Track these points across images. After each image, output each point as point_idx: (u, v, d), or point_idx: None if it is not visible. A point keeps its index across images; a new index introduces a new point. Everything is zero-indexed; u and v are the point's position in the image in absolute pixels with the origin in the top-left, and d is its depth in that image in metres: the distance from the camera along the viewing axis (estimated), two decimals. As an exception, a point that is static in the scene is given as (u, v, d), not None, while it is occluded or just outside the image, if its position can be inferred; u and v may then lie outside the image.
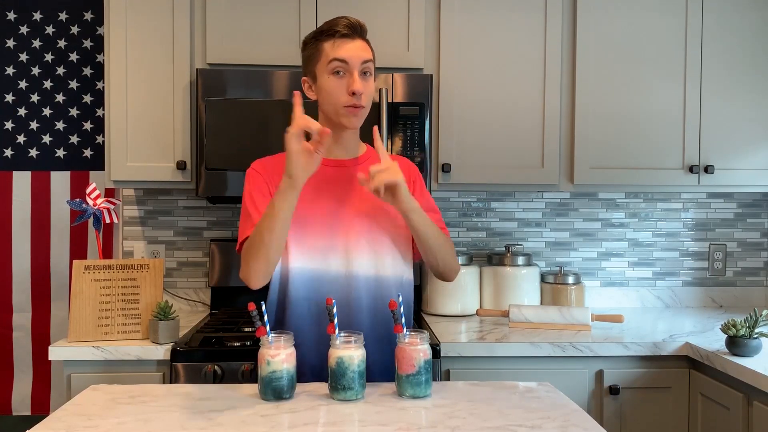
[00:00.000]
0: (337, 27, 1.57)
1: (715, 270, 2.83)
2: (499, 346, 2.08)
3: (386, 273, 1.61)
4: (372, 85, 1.60)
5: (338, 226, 1.60)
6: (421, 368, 1.39)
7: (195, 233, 2.70)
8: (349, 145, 1.66)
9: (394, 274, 1.62)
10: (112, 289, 2.05)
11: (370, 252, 1.60)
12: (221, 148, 2.26)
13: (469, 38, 2.41)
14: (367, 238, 1.61)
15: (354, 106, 1.56)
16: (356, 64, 1.55)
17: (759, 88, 2.47)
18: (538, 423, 1.26)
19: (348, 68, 1.55)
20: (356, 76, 1.54)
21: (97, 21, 2.70)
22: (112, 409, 1.34)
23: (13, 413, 2.67)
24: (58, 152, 2.71)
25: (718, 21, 2.45)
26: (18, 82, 2.70)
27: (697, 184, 2.47)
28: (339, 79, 1.56)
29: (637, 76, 2.44)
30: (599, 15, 2.43)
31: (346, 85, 1.55)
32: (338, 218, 1.61)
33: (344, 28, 1.56)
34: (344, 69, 1.55)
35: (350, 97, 1.55)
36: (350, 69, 1.55)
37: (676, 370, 2.12)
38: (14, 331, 2.69)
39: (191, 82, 2.34)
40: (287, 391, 1.38)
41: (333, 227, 1.60)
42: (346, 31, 1.56)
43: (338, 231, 1.60)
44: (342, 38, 1.56)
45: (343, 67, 1.55)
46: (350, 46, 1.56)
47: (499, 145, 2.42)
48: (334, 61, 1.55)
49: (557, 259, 2.80)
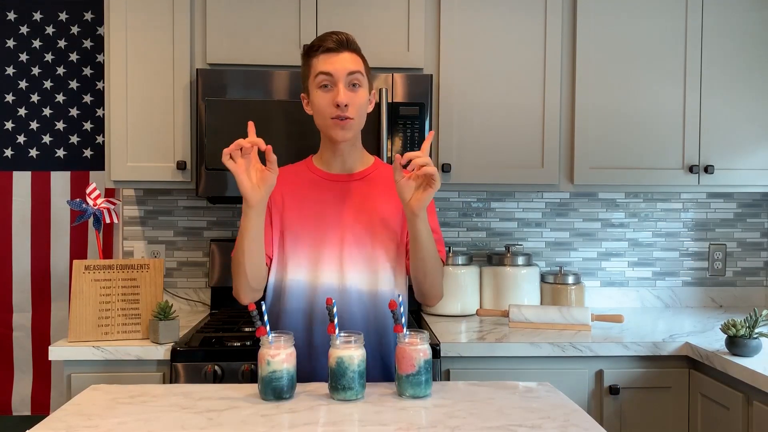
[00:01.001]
0: (322, 42, 1.59)
1: (715, 270, 2.83)
2: (499, 346, 2.08)
3: (380, 288, 1.61)
4: (362, 96, 1.60)
5: (331, 240, 1.61)
6: (421, 368, 1.39)
7: (195, 233, 2.70)
8: (347, 159, 1.66)
9: (388, 289, 1.62)
10: (112, 289, 2.05)
11: (364, 267, 1.61)
12: (221, 148, 2.22)
13: (469, 38, 2.41)
14: (361, 253, 1.62)
15: (340, 117, 1.56)
16: (341, 76, 1.56)
17: (759, 88, 2.47)
18: (538, 423, 1.26)
19: (333, 80, 1.57)
20: (341, 88, 1.55)
21: (97, 21, 2.70)
22: (112, 409, 1.34)
23: (13, 413, 2.67)
24: (58, 152, 2.71)
25: (718, 21, 2.45)
26: (18, 82, 2.70)
27: (697, 184, 2.47)
28: (326, 92, 1.58)
29: (637, 76, 2.44)
30: (599, 15, 2.43)
31: (332, 97, 1.56)
32: (331, 232, 1.62)
33: (330, 43, 1.58)
34: (330, 82, 1.57)
35: (335, 108, 1.56)
36: (335, 81, 1.56)
37: (676, 370, 2.12)
38: (14, 331, 2.69)
39: (191, 82, 2.34)
40: (287, 391, 1.38)
41: (325, 241, 1.61)
42: (332, 45, 1.58)
43: (331, 245, 1.61)
44: (327, 52, 1.58)
45: (328, 80, 1.57)
46: (335, 59, 1.57)
47: (499, 145, 2.42)
48: (320, 75, 1.57)
49: (557, 259, 2.80)
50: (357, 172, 1.68)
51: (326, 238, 1.62)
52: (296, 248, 1.62)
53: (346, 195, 1.65)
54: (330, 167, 1.67)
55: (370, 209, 1.64)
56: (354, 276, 1.61)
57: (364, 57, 1.63)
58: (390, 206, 1.65)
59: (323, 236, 1.62)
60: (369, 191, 1.66)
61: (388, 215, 1.65)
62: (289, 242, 1.62)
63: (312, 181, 1.67)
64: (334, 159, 1.66)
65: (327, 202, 1.64)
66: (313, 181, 1.67)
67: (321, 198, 1.65)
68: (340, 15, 2.34)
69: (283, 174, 1.68)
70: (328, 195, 1.65)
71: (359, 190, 1.66)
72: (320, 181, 1.67)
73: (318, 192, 1.65)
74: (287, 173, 1.69)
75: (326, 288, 1.60)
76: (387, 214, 1.65)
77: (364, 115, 1.62)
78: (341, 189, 1.66)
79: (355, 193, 1.66)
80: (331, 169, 1.67)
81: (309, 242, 1.62)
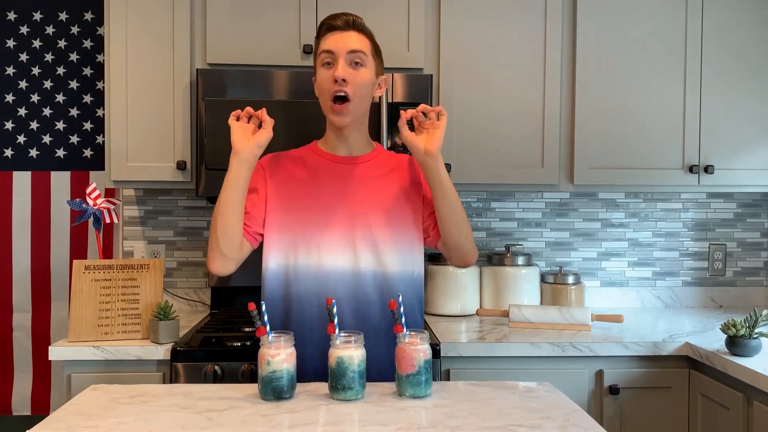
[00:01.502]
0: (330, 21, 1.59)
1: (715, 270, 2.83)
2: (499, 346, 2.08)
3: (392, 269, 1.61)
4: (363, 75, 1.58)
5: (340, 223, 1.61)
6: (421, 368, 1.39)
7: (195, 233, 2.70)
8: (353, 144, 1.67)
9: (400, 269, 1.62)
10: (112, 289, 2.05)
11: (374, 248, 1.61)
12: (221, 148, 2.25)
13: (470, 38, 2.41)
14: (371, 234, 1.61)
15: (338, 96, 1.56)
16: (342, 53, 1.56)
17: (759, 88, 2.47)
18: (538, 423, 1.26)
19: (334, 57, 1.56)
20: (340, 63, 1.55)
21: (97, 21, 2.70)
22: (112, 409, 1.34)
23: (13, 413, 2.67)
24: (58, 152, 2.71)
25: (718, 21, 2.45)
26: (18, 82, 2.70)
27: (697, 184, 2.47)
28: (327, 69, 1.58)
29: (637, 76, 2.44)
30: (599, 15, 2.43)
31: (332, 73, 1.56)
32: (339, 214, 1.61)
33: (337, 21, 1.58)
34: (332, 59, 1.57)
35: (333, 84, 1.55)
36: (336, 58, 1.56)
37: (676, 370, 2.12)
38: (14, 331, 2.69)
39: (191, 82, 2.34)
40: (287, 391, 1.38)
41: (333, 223, 1.61)
42: (338, 24, 1.58)
43: (341, 227, 1.61)
44: (331, 31, 1.58)
45: (330, 57, 1.57)
46: (338, 37, 1.57)
47: (499, 145, 2.42)
48: (323, 53, 1.58)
49: (557, 259, 2.80)
50: (362, 155, 1.68)
51: (334, 221, 1.61)
52: (305, 231, 1.60)
53: (351, 177, 1.64)
54: (335, 150, 1.67)
55: (378, 191, 1.64)
56: (367, 257, 1.60)
57: (374, 40, 1.62)
58: (396, 187, 1.65)
59: (330, 219, 1.61)
60: (374, 173, 1.66)
61: (395, 196, 1.64)
62: (294, 225, 1.61)
63: (318, 164, 1.66)
64: (338, 142, 1.66)
65: (332, 184, 1.64)
66: (318, 163, 1.66)
67: (326, 179, 1.64)
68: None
69: (286, 157, 1.69)
70: (332, 176, 1.64)
71: (364, 173, 1.66)
72: (325, 163, 1.66)
73: (324, 173, 1.65)
74: (291, 156, 1.69)
75: (339, 271, 1.59)
76: (394, 196, 1.64)
77: (365, 96, 1.61)
78: (346, 171, 1.65)
79: (361, 176, 1.65)
80: (336, 152, 1.67)
81: (315, 224, 1.61)
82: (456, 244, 1.64)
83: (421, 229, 1.66)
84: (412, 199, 1.66)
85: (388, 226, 1.62)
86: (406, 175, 1.68)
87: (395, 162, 1.71)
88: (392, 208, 1.64)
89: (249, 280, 2.56)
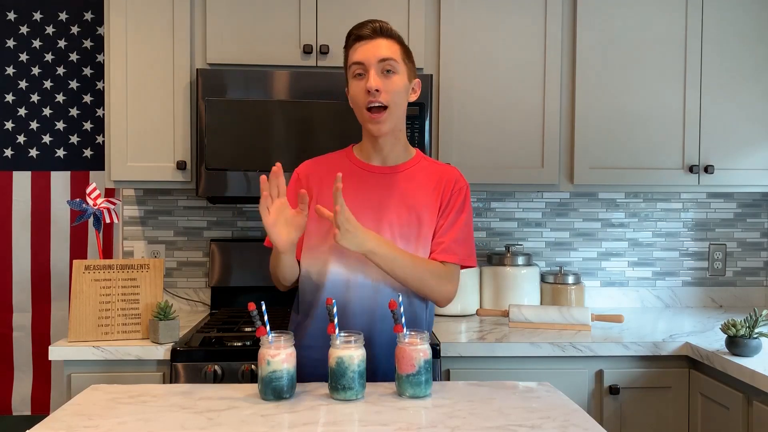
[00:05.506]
0: (356, 31, 1.58)
1: (715, 270, 2.83)
2: (499, 346, 2.08)
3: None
4: (397, 82, 1.57)
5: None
6: (421, 368, 1.39)
7: (195, 233, 2.70)
8: (388, 153, 1.65)
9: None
10: (112, 289, 2.05)
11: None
12: (221, 148, 2.26)
13: (469, 38, 2.41)
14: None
15: (373, 106, 1.54)
16: (372, 62, 1.55)
17: (759, 88, 2.47)
18: (538, 423, 1.26)
19: (365, 68, 1.55)
20: (372, 74, 1.54)
21: (97, 21, 2.70)
22: (112, 409, 1.34)
23: (13, 413, 2.67)
24: (58, 152, 2.71)
25: (718, 21, 2.45)
26: (18, 82, 2.70)
27: (697, 184, 2.47)
28: (359, 81, 1.57)
29: (637, 76, 2.44)
30: (599, 15, 2.43)
31: (365, 84, 1.55)
32: (369, 225, 1.57)
33: (364, 30, 1.57)
34: (363, 70, 1.56)
35: (367, 95, 1.54)
36: (367, 68, 1.55)
37: (676, 370, 2.12)
38: (14, 331, 2.69)
39: (191, 82, 2.34)
40: (287, 390, 1.38)
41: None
42: (365, 33, 1.56)
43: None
44: (360, 41, 1.57)
45: (361, 68, 1.56)
46: (367, 47, 1.56)
47: (499, 145, 2.42)
48: (353, 65, 1.57)
49: (557, 259, 2.80)
50: (398, 164, 1.66)
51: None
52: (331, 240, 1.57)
53: (385, 188, 1.63)
54: (370, 159, 1.66)
55: (410, 204, 1.62)
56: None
57: (403, 43, 1.61)
58: (426, 201, 1.63)
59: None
60: (408, 186, 1.64)
61: (425, 210, 1.62)
62: (325, 233, 1.59)
63: (351, 172, 1.64)
64: (374, 152, 1.65)
65: (366, 194, 1.62)
66: (352, 172, 1.64)
67: (360, 189, 1.62)
68: (340, 15, 2.34)
69: (321, 162, 1.68)
70: (367, 187, 1.63)
71: (399, 185, 1.63)
72: (360, 173, 1.64)
73: (357, 183, 1.62)
74: (325, 162, 1.68)
75: (361, 282, 1.58)
76: (424, 209, 1.62)
77: (401, 103, 1.59)
78: (381, 182, 1.63)
79: (395, 187, 1.63)
80: (372, 161, 1.66)
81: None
82: (425, 296, 1.63)
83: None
84: (434, 220, 1.64)
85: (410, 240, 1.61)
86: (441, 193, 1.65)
87: (438, 175, 1.67)
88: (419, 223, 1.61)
89: (249, 280, 2.57)
